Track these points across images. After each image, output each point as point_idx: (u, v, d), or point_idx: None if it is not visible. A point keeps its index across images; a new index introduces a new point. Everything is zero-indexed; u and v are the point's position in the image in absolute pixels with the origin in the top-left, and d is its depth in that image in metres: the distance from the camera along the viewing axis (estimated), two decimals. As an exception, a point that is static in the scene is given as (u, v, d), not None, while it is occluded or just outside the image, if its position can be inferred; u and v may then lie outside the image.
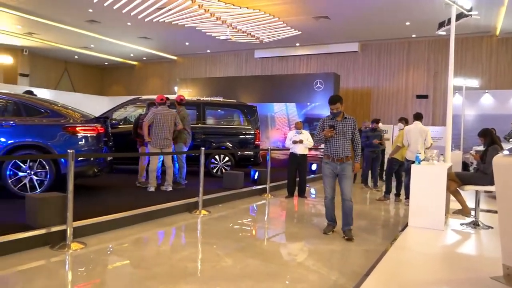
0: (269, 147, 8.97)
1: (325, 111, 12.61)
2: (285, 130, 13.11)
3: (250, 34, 14.54)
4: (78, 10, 13.66)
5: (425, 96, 15.14)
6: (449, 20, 7.03)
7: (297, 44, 17.11)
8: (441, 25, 7.67)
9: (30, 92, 7.95)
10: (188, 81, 16.53)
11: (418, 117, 7.88)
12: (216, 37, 15.04)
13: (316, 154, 12.19)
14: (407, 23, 13.57)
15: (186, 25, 13.61)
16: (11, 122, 5.95)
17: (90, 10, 13.53)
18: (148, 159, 7.55)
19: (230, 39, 14.32)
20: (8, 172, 5.78)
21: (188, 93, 15.19)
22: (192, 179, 7.90)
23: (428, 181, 5.60)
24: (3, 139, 5.83)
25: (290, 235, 5.55)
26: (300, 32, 14.70)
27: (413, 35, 15.09)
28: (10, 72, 20.74)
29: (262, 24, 13.55)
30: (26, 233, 4.14)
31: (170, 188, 7.22)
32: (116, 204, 5.78)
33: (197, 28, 13.99)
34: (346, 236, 5.01)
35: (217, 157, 9.55)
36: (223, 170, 9.30)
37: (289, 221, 6.50)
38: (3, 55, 20.24)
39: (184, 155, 7.83)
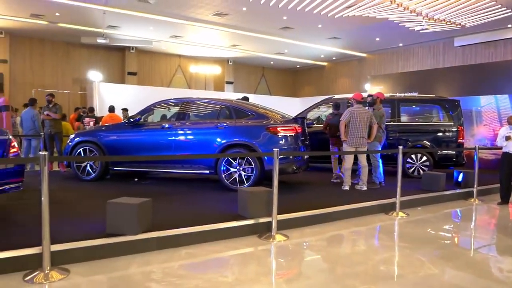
0: (476, 146, 7.98)
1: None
2: (495, 126, 11.41)
3: (450, 21, 13.19)
4: (273, 19, 14.82)
5: None
6: None
7: (509, 26, 14.71)
8: None
9: (246, 98, 8.89)
10: (380, 78, 16.06)
11: None
12: (410, 28, 14.18)
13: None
14: None
15: (377, 17, 13.21)
16: (224, 124, 6.84)
17: (285, 18, 14.50)
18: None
19: (427, 29, 13.31)
20: (222, 168, 6.68)
21: (380, 90, 14.74)
22: (386, 179, 7.63)
23: None
24: (218, 139, 6.76)
25: (503, 247, 4.81)
26: (514, 11, 12.61)
27: None
28: (219, 81, 24.05)
29: (464, 7, 12.13)
30: (239, 222, 4.70)
31: (364, 188, 7.13)
32: (313, 200, 6.02)
33: (389, 19, 13.44)
34: None
35: (413, 156, 8.99)
36: (420, 171, 8.71)
37: (502, 231, 5.65)
38: (213, 66, 23.54)
39: (378, 153, 7.62)
